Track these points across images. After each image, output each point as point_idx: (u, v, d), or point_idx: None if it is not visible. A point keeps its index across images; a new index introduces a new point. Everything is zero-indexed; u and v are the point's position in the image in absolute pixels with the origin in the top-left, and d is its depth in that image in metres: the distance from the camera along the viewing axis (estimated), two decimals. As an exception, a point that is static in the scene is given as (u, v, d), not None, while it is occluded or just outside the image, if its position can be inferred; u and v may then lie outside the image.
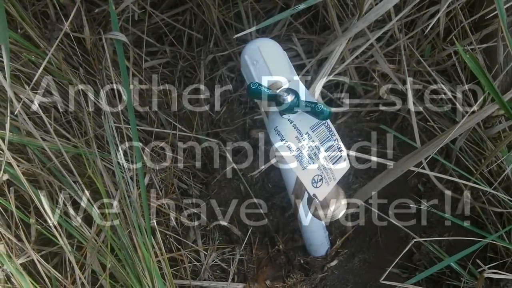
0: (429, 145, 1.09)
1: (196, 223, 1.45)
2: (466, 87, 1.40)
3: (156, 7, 1.61)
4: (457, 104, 1.37)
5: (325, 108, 0.73)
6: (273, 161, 1.03)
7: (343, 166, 0.83)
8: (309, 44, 1.57)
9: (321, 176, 0.81)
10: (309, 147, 0.78)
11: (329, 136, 0.80)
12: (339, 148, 0.82)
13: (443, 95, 1.45)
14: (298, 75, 0.88)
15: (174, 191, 1.46)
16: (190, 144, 1.52)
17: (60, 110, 1.32)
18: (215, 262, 1.41)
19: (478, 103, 1.24)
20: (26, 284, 0.99)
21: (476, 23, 1.40)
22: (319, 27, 1.58)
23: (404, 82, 1.43)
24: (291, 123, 0.78)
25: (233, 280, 1.39)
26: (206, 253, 1.41)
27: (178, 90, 1.58)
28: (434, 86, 1.45)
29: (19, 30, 1.25)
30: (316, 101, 0.74)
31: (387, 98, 1.53)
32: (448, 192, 1.37)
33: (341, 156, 0.82)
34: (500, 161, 1.27)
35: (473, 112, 1.10)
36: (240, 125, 1.62)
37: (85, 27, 1.25)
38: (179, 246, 1.38)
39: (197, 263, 1.39)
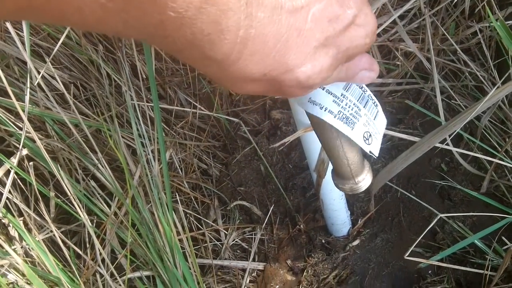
0: (454, 120, 1.06)
1: (216, 202, 1.43)
2: (491, 64, 1.36)
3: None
4: (482, 80, 1.34)
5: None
6: (298, 133, 1.01)
7: (382, 119, 0.81)
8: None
9: (369, 132, 0.78)
10: (349, 107, 0.76)
11: (362, 93, 0.77)
12: (374, 102, 0.79)
13: (467, 74, 1.42)
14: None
15: (194, 171, 1.44)
16: (211, 124, 1.51)
17: (80, 87, 1.31)
18: (236, 241, 1.39)
19: (503, 78, 1.20)
20: (47, 258, 0.97)
21: (500, 1, 1.36)
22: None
23: (428, 60, 1.40)
24: (323, 89, 0.75)
25: (254, 260, 1.37)
26: (226, 232, 1.39)
27: (197, 70, 1.55)
28: (458, 65, 1.42)
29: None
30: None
31: (410, 78, 1.50)
32: (472, 169, 1.34)
33: (377, 109, 0.80)
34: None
35: (498, 86, 1.07)
36: (260, 106, 1.60)
37: None
38: (199, 225, 1.36)
39: (218, 243, 1.38)
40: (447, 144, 1.20)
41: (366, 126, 0.76)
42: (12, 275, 0.98)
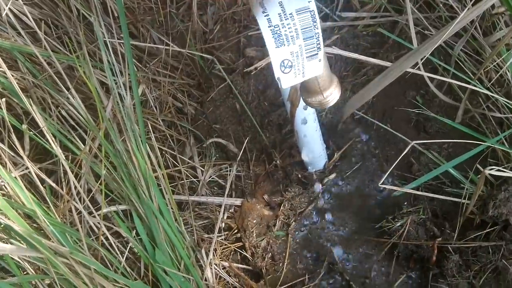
0: (426, 43, 1.05)
1: (192, 140, 1.42)
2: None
3: None
4: (457, 10, 1.33)
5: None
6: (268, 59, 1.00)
7: (316, 66, 0.79)
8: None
9: (292, 63, 0.78)
10: (289, 28, 0.74)
11: (311, 26, 0.76)
12: (318, 43, 0.78)
13: (441, 5, 1.41)
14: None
15: (169, 109, 1.43)
16: (184, 62, 1.49)
17: (51, 25, 1.28)
18: (212, 178, 1.39)
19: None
20: (22, 192, 0.96)
21: None
22: None
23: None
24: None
25: (230, 196, 1.38)
26: (203, 169, 1.39)
27: (170, 7, 1.53)
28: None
29: None
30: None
31: (384, 11, 1.49)
32: (447, 99, 1.35)
33: (317, 53, 0.78)
34: (499, 66, 1.24)
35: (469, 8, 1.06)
36: (234, 43, 1.58)
37: None
38: (175, 163, 1.36)
39: (194, 180, 1.38)
40: (417, 67, 1.20)
41: (292, 55, 0.76)
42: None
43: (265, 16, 0.71)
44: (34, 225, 1.04)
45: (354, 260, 1.27)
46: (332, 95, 0.84)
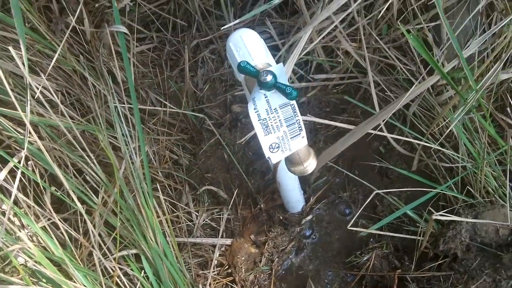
0: (385, 109, 1.28)
1: (187, 188, 1.63)
2: (418, 60, 1.59)
3: (143, -1, 1.77)
4: (408, 75, 1.57)
5: (293, 91, 0.92)
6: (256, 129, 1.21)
7: (300, 142, 1.02)
8: (281, 27, 1.75)
9: (278, 145, 1.00)
10: (274, 120, 0.97)
11: (292, 115, 0.98)
12: (299, 127, 1.00)
13: (399, 68, 1.64)
14: (274, 56, 1.06)
15: (167, 161, 1.63)
16: (179, 119, 1.70)
17: (65, 94, 1.48)
18: (206, 221, 1.59)
19: (430, 73, 1.42)
20: (52, 242, 1.15)
21: (426, 5, 1.58)
22: (289, 11, 1.76)
23: (365, 59, 1.61)
24: (265, 97, 0.96)
25: (222, 236, 1.58)
26: (197, 214, 1.59)
27: (166, 72, 1.74)
28: (391, 61, 1.64)
29: (26, 24, 1.40)
30: (289, 85, 0.92)
31: (350, 73, 1.72)
32: (404, 151, 1.57)
33: (299, 133, 1.01)
34: (447, 122, 1.47)
35: (424, 79, 1.29)
36: (222, 101, 1.80)
37: (85, 20, 1.41)
38: (174, 209, 1.56)
39: (190, 223, 1.58)
40: (381, 130, 1.42)
41: (278, 139, 0.99)
42: (21, 258, 1.16)
43: (255, 112, 0.93)
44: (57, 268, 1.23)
45: (329, 290, 1.48)
46: (311, 164, 1.06)
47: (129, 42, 1.67)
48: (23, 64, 1.09)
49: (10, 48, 1.10)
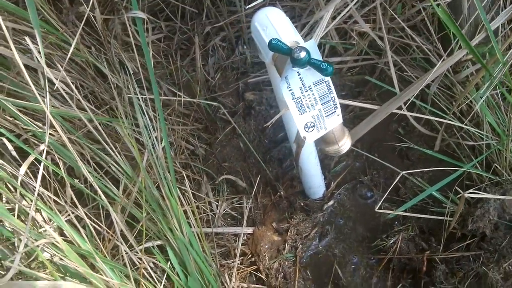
0: (408, 90, 1.25)
1: (205, 178, 1.60)
2: (435, 37, 1.57)
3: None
4: (428, 52, 1.54)
5: (329, 67, 0.89)
6: (283, 111, 1.18)
7: (336, 120, 0.99)
8: (292, 10, 1.72)
9: (314, 123, 0.97)
10: (308, 98, 0.94)
11: (327, 93, 0.95)
12: (335, 104, 0.97)
13: (415, 47, 1.62)
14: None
15: (183, 152, 1.60)
16: (192, 109, 1.67)
17: (79, 86, 1.45)
18: (226, 211, 1.57)
19: (448, 51, 1.40)
20: (78, 235, 1.12)
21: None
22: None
23: (380, 38, 1.59)
24: (298, 75, 0.93)
25: (242, 225, 1.55)
26: (217, 203, 1.56)
27: (177, 61, 1.71)
28: (407, 40, 1.62)
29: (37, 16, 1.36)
30: (323, 60, 0.89)
31: (365, 55, 1.70)
32: (425, 131, 1.55)
33: (334, 111, 0.98)
34: (469, 100, 1.45)
35: (444, 59, 1.26)
36: (234, 89, 1.76)
37: (96, 10, 1.37)
38: (194, 200, 1.53)
39: (210, 213, 1.55)
40: (403, 110, 1.40)
41: (313, 118, 0.95)
42: (46, 253, 1.13)
43: (289, 90, 0.90)
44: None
45: (356, 275, 1.46)
46: (346, 144, 1.04)
47: (138, 32, 1.63)
48: (41, 56, 1.06)
49: (27, 39, 1.07)
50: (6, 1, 1.25)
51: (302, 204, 1.56)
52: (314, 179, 1.48)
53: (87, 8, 1.23)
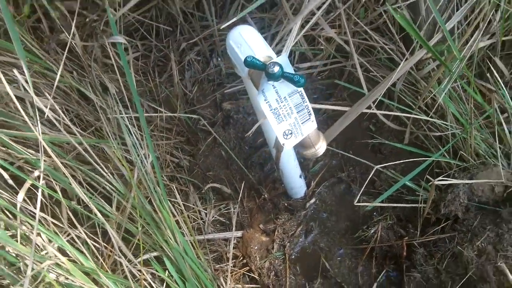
0: (375, 90, 1.34)
1: (192, 188, 1.67)
2: (397, 38, 1.66)
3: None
4: (391, 52, 1.63)
5: (301, 78, 0.96)
6: (261, 120, 1.26)
7: (310, 126, 1.07)
8: (262, 21, 1.80)
9: (291, 131, 1.05)
10: (285, 108, 1.02)
11: (301, 102, 1.03)
12: (309, 112, 1.05)
13: (379, 48, 1.71)
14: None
15: (169, 165, 1.67)
16: (174, 123, 1.74)
17: (65, 111, 1.50)
18: (215, 217, 1.64)
19: (410, 50, 1.49)
20: (80, 254, 1.18)
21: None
22: (268, 5, 1.81)
23: (345, 42, 1.67)
24: (274, 88, 1.00)
25: (231, 230, 1.62)
26: (206, 211, 1.63)
27: (155, 78, 1.78)
28: (371, 42, 1.71)
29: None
30: (296, 73, 0.97)
31: (333, 58, 1.78)
32: (395, 126, 1.64)
33: (309, 118, 1.06)
34: (433, 94, 1.54)
35: (406, 59, 1.35)
36: (212, 101, 1.84)
37: (76, 36, 1.43)
38: (182, 210, 1.60)
39: (200, 221, 1.62)
40: (372, 109, 1.48)
41: (290, 126, 1.04)
42: (52, 274, 1.19)
43: (266, 103, 0.98)
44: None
45: (342, 266, 1.54)
46: (321, 147, 1.12)
47: (117, 54, 1.70)
48: (29, 87, 1.12)
49: (15, 71, 1.12)
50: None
51: (286, 204, 1.64)
52: (295, 180, 1.56)
53: (69, 36, 1.29)
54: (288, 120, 1.01)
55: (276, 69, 0.96)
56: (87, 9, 1.61)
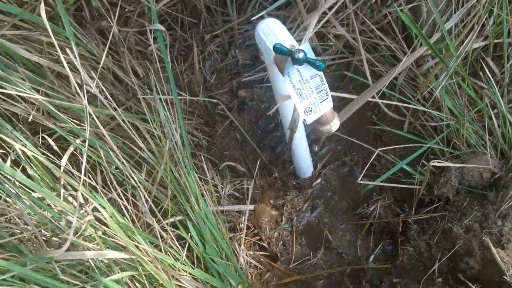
0: (379, 81, 1.49)
1: (210, 165, 1.82)
2: (400, 37, 1.82)
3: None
4: (395, 50, 1.79)
5: (322, 64, 1.12)
6: (281, 102, 1.41)
7: (328, 105, 1.23)
8: (277, 18, 1.95)
9: (311, 108, 1.21)
10: (306, 89, 1.17)
11: (320, 84, 1.19)
12: (326, 93, 1.21)
13: (383, 46, 1.87)
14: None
15: (190, 144, 1.82)
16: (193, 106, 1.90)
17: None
18: (230, 192, 1.79)
19: (411, 48, 1.65)
20: (117, 212, 1.33)
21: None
22: (284, 3, 1.96)
23: (353, 39, 1.83)
24: (298, 71, 1.16)
25: (245, 203, 1.78)
26: (222, 186, 1.79)
27: (178, 66, 1.93)
28: (376, 40, 1.87)
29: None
30: (317, 59, 1.13)
31: (341, 54, 1.95)
32: (395, 116, 1.80)
33: (326, 98, 1.22)
34: (430, 88, 1.70)
35: (408, 55, 1.51)
36: (228, 88, 2.00)
37: (114, 23, 1.58)
38: (202, 184, 1.75)
39: (216, 194, 1.77)
40: (376, 99, 1.64)
41: (311, 104, 1.20)
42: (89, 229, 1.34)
43: (291, 83, 1.14)
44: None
45: (343, 239, 1.70)
46: (335, 124, 1.28)
47: (144, 41, 1.86)
48: (79, 67, 1.27)
49: (69, 51, 1.27)
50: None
51: (294, 183, 1.80)
52: (304, 160, 1.72)
53: (112, 22, 1.44)
54: (309, 99, 1.17)
55: (301, 54, 1.11)
56: (122, 0, 1.77)
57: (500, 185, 1.56)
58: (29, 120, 1.35)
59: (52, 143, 1.43)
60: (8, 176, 1.19)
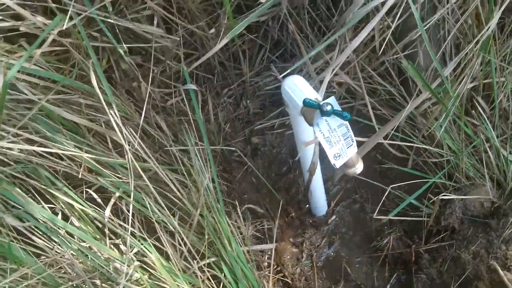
0: (388, 124, 1.64)
1: (231, 208, 1.94)
2: (397, 81, 1.99)
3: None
4: (394, 93, 1.95)
5: (348, 115, 1.26)
6: (304, 146, 1.54)
7: (353, 150, 1.37)
8: (283, 70, 2.10)
9: (340, 153, 1.34)
10: (334, 136, 1.31)
11: (347, 131, 1.32)
12: (352, 139, 1.35)
13: (381, 90, 2.03)
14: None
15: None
16: (214, 154, 2.02)
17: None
18: (252, 233, 1.91)
19: (412, 94, 1.81)
20: (163, 260, 1.44)
21: (398, 36, 1.97)
22: (289, 55, 2.13)
23: (360, 87, 1.99)
24: (326, 121, 1.30)
25: (266, 243, 1.90)
26: (245, 227, 1.90)
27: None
28: (374, 85, 2.03)
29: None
30: (343, 111, 1.27)
31: (343, 99, 2.10)
32: (398, 154, 1.95)
33: (352, 144, 1.36)
34: (431, 129, 1.86)
35: (412, 99, 1.67)
36: (242, 136, 2.13)
37: (142, 83, 1.72)
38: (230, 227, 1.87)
39: (239, 236, 1.88)
40: (382, 140, 1.79)
41: (339, 149, 1.33)
42: (137, 273, 1.44)
43: (321, 132, 1.27)
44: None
45: (361, 271, 1.82)
46: (359, 167, 1.41)
47: (163, 96, 1.99)
48: (122, 127, 1.39)
49: (111, 114, 1.39)
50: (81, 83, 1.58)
51: (310, 221, 1.93)
52: (320, 200, 1.85)
53: (149, 84, 1.57)
54: (337, 145, 1.30)
55: (329, 107, 1.25)
56: (145, 62, 1.90)
57: (500, 213, 1.71)
58: (79, 176, 1.46)
59: (95, 196, 1.54)
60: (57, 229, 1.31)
